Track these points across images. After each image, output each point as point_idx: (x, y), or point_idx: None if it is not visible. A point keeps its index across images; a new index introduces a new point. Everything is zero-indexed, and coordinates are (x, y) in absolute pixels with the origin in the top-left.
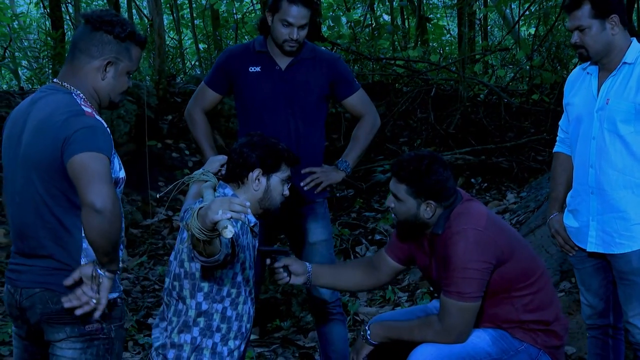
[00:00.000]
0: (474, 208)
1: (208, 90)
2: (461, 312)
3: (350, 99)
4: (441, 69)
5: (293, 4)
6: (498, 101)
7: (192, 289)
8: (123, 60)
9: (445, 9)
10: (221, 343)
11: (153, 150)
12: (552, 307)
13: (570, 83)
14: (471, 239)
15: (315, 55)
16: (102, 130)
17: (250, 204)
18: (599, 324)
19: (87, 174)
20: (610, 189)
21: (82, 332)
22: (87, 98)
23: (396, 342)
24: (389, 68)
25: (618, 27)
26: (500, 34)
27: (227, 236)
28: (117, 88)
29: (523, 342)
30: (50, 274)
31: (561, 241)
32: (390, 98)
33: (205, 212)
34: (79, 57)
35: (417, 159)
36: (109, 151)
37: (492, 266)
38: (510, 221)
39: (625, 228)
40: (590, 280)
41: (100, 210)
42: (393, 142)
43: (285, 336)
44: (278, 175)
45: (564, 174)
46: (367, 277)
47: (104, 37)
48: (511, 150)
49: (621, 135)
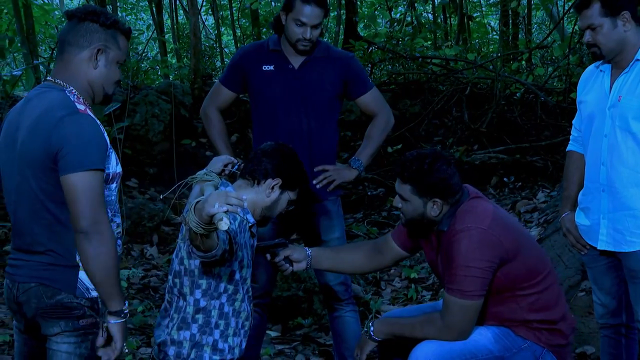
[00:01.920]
0: (480, 206)
1: (223, 89)
2: (463, 310)
3: (364, 98)
4: (478, 67)
5: (307, 3)
6: (535, 99)
7: (191, 286)
8: (112, 48)
9: (490, 7)
10: (221, 340)
11: (187, 148)
12: (559, 307)
13: (584, 81)
14: (475, 238)
15: (329, 54)
16: (95, 133)
17: (254, 207)
18: (611, 323)
19: (77, 197)
20: (621, 187)
21: (76, 327)
22: (81, 93)
23: (400, 339)
24: (425, 66)
25: (630, 23)
26: (545, 32)
27: (223, 228)
28: (110, 77)
29: (526, 340)
30: (45, 269)
31: (573, 240)
32: (426, 97)
33: (202, 205)
34: (68, 50)
35: (420, 158)
36: (101, 159)
37: (496, 265)
38: (538, 220)
39: (636, 226)
40: (602, 279)
41: (88, 234)
42: (427, 141)
43: (307, 334)
44: (289, 195)
45: (577, 173)
46: (369, 261)
47: (90, 26)
48: (546, 149)
49: (633, 132)
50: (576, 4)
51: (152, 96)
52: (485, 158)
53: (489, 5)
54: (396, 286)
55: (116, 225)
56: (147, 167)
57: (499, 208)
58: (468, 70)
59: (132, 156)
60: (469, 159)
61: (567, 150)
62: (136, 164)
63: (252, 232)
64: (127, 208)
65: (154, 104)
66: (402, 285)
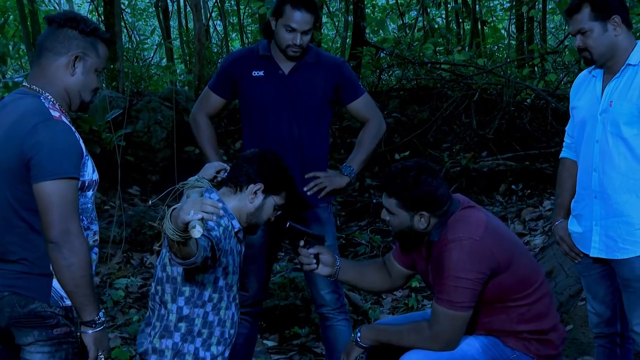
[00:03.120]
0: (474, 216)
1: (212, 95)
2: (451, 321)
3: (355, 104)
4: (488, 72)
5: (297, 9)
6: (545, 106)
7: (173, 293)
8: (90, 56)
9: (506, 12)
10: (202, 348)
11: (190, 156)
12: (549, 317)
13: (576, 86)
14: (466, 249)
15: (320, 59)
16: (69, 141)
17: (239, 214)
18: (606, 332)
19: (48, 206)
20: (613, 193)
21: (50, 336)
22: (57, 100)
23: (388, 346)
24: (435, 72)
25: (621, 27)
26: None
27: (195, 236)
28: (87, 85)
29: (515, 350)
30: (18, 277)
31: (566, 248)
32: (435, 103)
33: (178, 212)
34: (46, 55)
35: (404, 171)
36: (75, 167)
37: (486, 277)
38: (543, 228)
39: (628, 233)
40: (596, 288)
41: (58, 244)
42: (436, 147)
43: (304, 343)
44: (274, 199)
45: (570, 180)
46: (384, 281)
47: (69, 33)
48: (556, 156)
49: (624, 138)
50: (567, 8)
51: (154, 102)
52: (494, 165)
53: (504, 9)
54: (397, 295)
55: (92, 234)
56: (150, 174)
57: (493, 217)
58: (478, 76)
59: (134, 163)
60: (477, 166)
61: (560, 157)
62: (138, 171)
63: (239, 238)
64: (128, 216)
65: (156, 111)
66: (402, 294)
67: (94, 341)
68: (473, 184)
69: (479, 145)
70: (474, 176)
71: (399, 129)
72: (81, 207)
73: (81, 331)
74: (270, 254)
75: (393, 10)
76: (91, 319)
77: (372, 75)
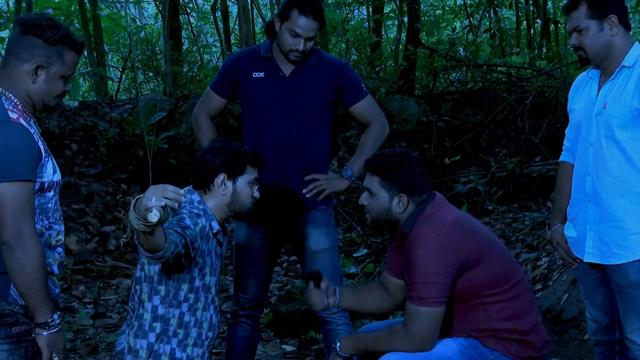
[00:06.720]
0: (441, 212)
1: (213, 95)
2: (424, 318)
3: (358, 106)
4: (545, 74)
5: (303, 15)
6: None
7: (150, 292)
8: (55, 64)
9: None
10: (179, 349)
11: None
12: (529, 317)
13: (574, 88)
14: (431, 244)
15: (321, 61)
16: (24, 143)
17: (221, 209)
18: (604, 339)
19: (1, 208)
20: (607, 197)
21: (8, 334)
22: (20, 101)
23: (369, 354)
24: (490, 74)
25: (617, 27)
26: None
27: (152, 220)
28: (50, 92)
29: (494, 351)
30: None
31: (563, 253)
32: (489, 106)
33: (140, 200)
34: (11, 60)
35: (391, 154)
36: (30, 169)
37: (455, 271)
38: None
39: (622, 238)
40: (593, 294)
41: (11, 246)
42: (488, 152)
43: (321, 349)
44: (244, 178)
45: (568, 184)
46: (385, 298)
47: (33, 41)
48: None
49: (618, 141)
50: (565, 5)
51: None
52: (544, 170)
53: None
54: None
55: (56, 233)
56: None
57: (466, 216)
58: (538, 78)
59: (177, 166)
60: (527, 171)
61: (559, 161)
62: (181, 175)
63: (219, 240)
64: None
65: None
66: None
67: (47, 343)
68: (522, 190)
69: (530, 149)
70: (523, 181)
71: (450, 133)
72: (41, 208)
73: (35, 333)
74: (270, 257)
75: (461, 11)
76: (45, 321)
77: (426, 78)
